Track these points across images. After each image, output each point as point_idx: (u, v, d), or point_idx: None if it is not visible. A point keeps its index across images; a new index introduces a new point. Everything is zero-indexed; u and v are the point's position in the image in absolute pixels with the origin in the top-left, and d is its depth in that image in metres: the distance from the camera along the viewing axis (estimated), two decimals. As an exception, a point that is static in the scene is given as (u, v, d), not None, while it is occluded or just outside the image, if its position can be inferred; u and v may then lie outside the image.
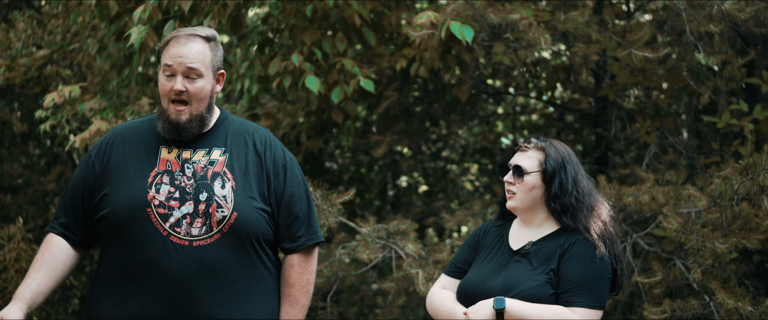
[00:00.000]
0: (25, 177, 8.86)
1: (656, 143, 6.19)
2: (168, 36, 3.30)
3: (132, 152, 3.33)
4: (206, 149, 3.35)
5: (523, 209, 3.47)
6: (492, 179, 7.61)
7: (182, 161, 3.32)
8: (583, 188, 3.46)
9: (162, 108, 3.30)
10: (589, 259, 3.35)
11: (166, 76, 3.26)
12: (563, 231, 3.44)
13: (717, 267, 5.15)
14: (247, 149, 3.39)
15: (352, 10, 5.83)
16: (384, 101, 6.34)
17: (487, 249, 3.55)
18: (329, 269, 5.75)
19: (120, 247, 3.27)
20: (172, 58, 3.24)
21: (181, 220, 3.24)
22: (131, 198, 3.25)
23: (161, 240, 3.23)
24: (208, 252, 3.24)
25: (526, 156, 3.48)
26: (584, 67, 5.96)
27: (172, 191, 3.27)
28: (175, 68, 3.25)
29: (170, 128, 3.29)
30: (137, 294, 3.25)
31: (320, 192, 5.24)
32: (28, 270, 3.44)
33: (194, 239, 3.24)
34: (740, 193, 5.06)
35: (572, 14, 5.89)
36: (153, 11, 5.74)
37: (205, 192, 3.28)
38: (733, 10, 5.27)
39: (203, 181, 3.30)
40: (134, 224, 3.24)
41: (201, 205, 3.26)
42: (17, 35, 8.25)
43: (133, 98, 6.93)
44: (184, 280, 3.21)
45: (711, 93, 5.89)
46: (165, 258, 3.22)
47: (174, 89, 3.25)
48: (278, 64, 5.85)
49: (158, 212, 3.24)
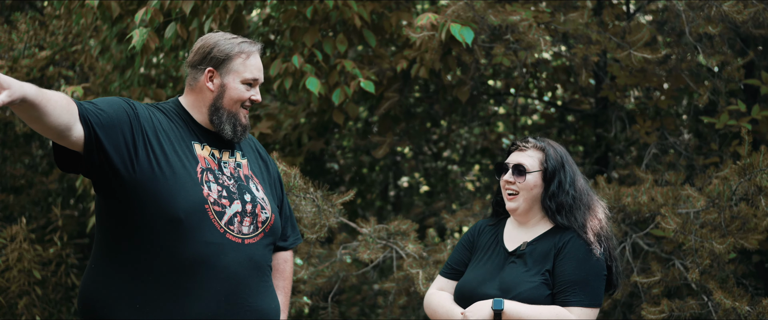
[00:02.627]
0: (28, 178, 8.89)
1: (656, 144, 6.21)
2: (240, 46, 3.42)
3: (173, 139, 3.36)
4: (229, 151, 3.48)
5: (524, 209, 3.48)
6: (493, 180, 7.63)
7: (217, 160, 3.44)
8: (581, 187, 3.48)
9: (228, 111, 3.42)
10: (583, 257, 3.37)
11: (246, 86, 3.42)
12: (557, 230, 3.46)
13: (715, 267, 5.17)
14: (256, 155, 3.62)
15: (352, 12, 5.85)
16: (385, 102, 6.37)
17: (482, 250, 3.57)
18: (330, 269, 5.77)
19: (176, 241, 3.25)
20: (259, 72, 3.44)
21: (232, 218, 3.35)
22: (190, 192, 3.28)
23: (220, 237, 3.31)
24: (256, 249, 3.40)
25: (526, 155, 3.50)
26: (584, 69, 5.98)
27: (220, 189, 3.37)
28: (258, 80, 3.44)
29: (242, 130, 3.45)
30: (196, 292, 3.27)
31: (321, 193, 5.27)
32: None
33: (245, 237, 3.38)
34: (738, 193, 5.08)
35: (572, 15, 5.91)
36: (154, 13, 5.76)
37: (247, 193, 3.43)
38: (731, 12, 5.30)
39: (241, 182, 3.45)
40: (194, 219, 3.27)
41: (247, 205, 3.40)
42: (19, 36, 8.27)
43: (134, 99, 6.95)
44: (239, 277, 3.34)
45: (710, 94, 5.91)
46: (222, 256, 3.31)
47: (256, 99, 3.46)
48: (279, 65, 5.87)
49: (214, 210, 3.32)
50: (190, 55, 3.49)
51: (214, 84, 3.40)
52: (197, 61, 3.44)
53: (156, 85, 7.24)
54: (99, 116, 3.17)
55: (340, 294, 7.11)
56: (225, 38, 3.44)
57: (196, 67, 3.44)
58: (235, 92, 3.39)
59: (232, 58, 3.39)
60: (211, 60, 3.40)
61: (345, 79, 6.01)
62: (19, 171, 8.96)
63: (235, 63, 3.39)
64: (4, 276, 7.22)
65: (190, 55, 3.48)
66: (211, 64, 3.40)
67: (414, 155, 8.28)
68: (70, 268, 7.88)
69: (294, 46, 6.11)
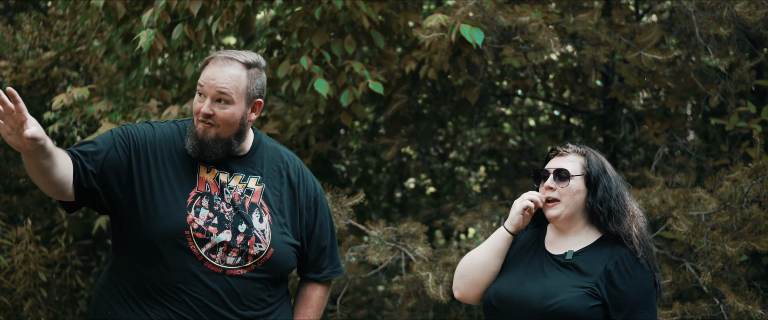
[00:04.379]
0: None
1: (665, 145, 6.18)
2: (209, 56, 3.27)
3: (171, 164, 3.27)
4: (242, 175, 3.32)
5: (567, 216, 3.33)
6: (500, 181, 7.61)
7: (220, 184, 3.29)
8: (623, 193, 3.36)
9: (192, 124, 3.27)
10: (641, 275, 3.25)
11: (199, 96, 3.23)
12: (605, 242, 3.33)
13: (727, 270, 5.14)
14: (282, 180, 3.39)
15: (360, 13, 5.82)
16: (393, 104, 6.34)
17: (522, 249, 3.44)
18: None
19: (151, 264, 3.21)
20: (206, 80, 3.20)
21: (217, 247, 3.22)
22: (170, 218, 3.19)
23: (196, 265, 3.20)
24: (239, 282, 3.25)
25: (568, 160, 3.36)
26: (593, 70, 5.95)
27: (211, 216, 3.23)
28: (206, 90, 3.20)
29: (195, 144, 3.24)
30: (161, 312, 3.22)
31: (330, 195, 5.24)
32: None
33: (228, 267, 3.24)
34: (750, 196, 5.06)
35: (582, 16, 5.88)
36: (161, 14, 5.73)
37: (244, 224, 3.26)
38: (743, 13, 5.27)
39: (242, 210, 3.27)
40: (171, 245, 3.18)
41: (239, 236, 3.24)
42: (24, 37, 8.24)
43: (140, 100, 6.93)
44: (211, 307, 3.22)
45: (720, 95, 5.88)
46: (196, 283, 3.20)
47: (202, 112, 3.21)
48: (287, 67, 5.84)
49: (196, 237, 3.20)
50: None
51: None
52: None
53: (161, 86, 7.22)
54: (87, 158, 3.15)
55: (345, 296, 7.09)
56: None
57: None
58: (193, 103, 3.26)
59: (202, 69, 3.26)
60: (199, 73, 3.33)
61: (353, 80, 5.98)
62: (22, 172, 8.93)
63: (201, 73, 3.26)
64: (9, 277, 7.20)
65: None
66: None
67: (420, 157, 8.26)
68: (74, 270, 7.86)
69: (302, 47, 6.08)
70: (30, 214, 8.61)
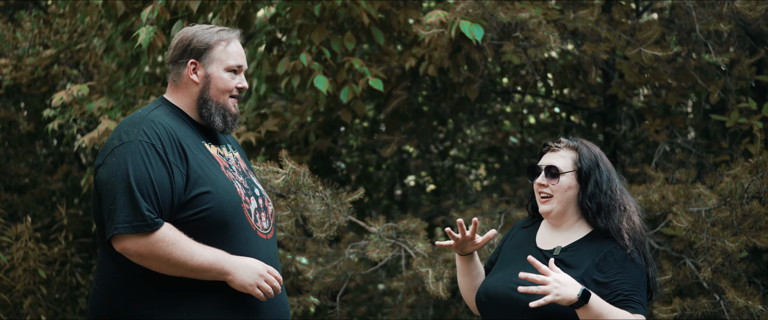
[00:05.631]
0: (32, 176, 8.87)
1: (665, 142, 6.18)
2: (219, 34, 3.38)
3: (192, 146, 3.31)
4: (227, 146, 3.47)
5: (558, 212, 3.35)
6: (500, 178, 7.60)
7: (225, 157, 3.41)
8: (616, 187, 3.35)
9: (217, 103, 3.37)
10: (630, 268, 3.24)
11: (230, 74, 3.38)
12: (594, 237, 3.33)
13: (727, 266, 5.14)
14: (239, 147, 3.60)
15: (360, 9, 5.82)
16: (393, 101, 6.33)
17: (512, 249, 3.45)
18: (338, 268, 5.74)
19: (223, 245, 3.23)
20: (241, 58, 3.41)
21: (256, 215, 3.36)
22: (230, 194, 3.26)
23: (253, 234, 3.32)
24: (274, 243, 3.43)
25: (559, 156, 3.36)
26: (593, 67, 5.95)
27: (245, 185, 3.38)
28: (243, 67, 3.41)
29: (232, 120, 3.41)
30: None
31: (330, 191, 5.24)
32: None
33: (266, 231, 3.39)
34: (750, 191, 5.05)
35: (582, 13, 5.88)
36: (161, 11, 5.73)
37: (256, 187, 3.43)
38: (743, 9, 5.26)
39: (247, 177, 3.43)
40: (237, 219, 3.26)
41: (259, 199, 3.40)
42: (24, 35, 8.25)
43: (140, 97, 6.93)
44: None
45: (720, 92, 5.87)
46: (257, 252, 3.30)
47: (243, 87, 3.41)
48: (287, 64, 5.84)
49: (245, 208, 3.32)
50: (169, 53, 3.41)
51: (199, 76, 3.34)
52: (178, 56, 3.36)
53: (161, 83, 7.22)
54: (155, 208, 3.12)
55: (346, 294, 7.08)
56: (202, 29, 3.39)
57: (177, 62, 3.36)
58: (220, 81, 3.34)
59: (212, 47, 3.34)
60: (192, 52, 3.34)
61: (353, 77, 5.97)
62: (22, 170, 8.94)
63: (216, 51, 3.34)
64: (9, 275, 7.20)
65: (170, 52, 3.40)
66: (192, 55, 3.34)
67: (420, 154, 8.25)
68: (74, 267, 7.86)
69: (301, 44, 6.07)
70: (30, 211, 8.61)
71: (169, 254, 3.10)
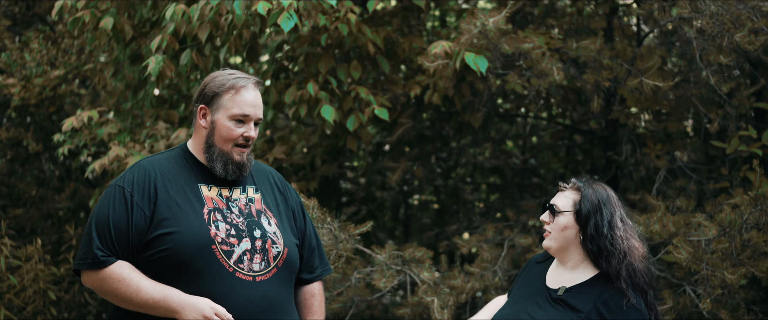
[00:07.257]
0: (39, 194, 8.93)
1: (666, 168, 6.24)
2: (231, 81, 3.41)
3: (175, 189, 3.38)
4: (240, 187, 3.49)
5: (557, 249, 3.47)
6: (503, 197, 7.67)
7: (225, 199, 3.44)
8: (619, 232, 3.41)
9: (220, 150, 3.43)
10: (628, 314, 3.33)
11: (236, 122, 3.41)
12: (599, 279, 3.41)
13: (726, 295, 5.21)
14: (272, 187, 3.60)
15: (365, 39, 5.90)
16: (399, 128, 6.41)
17: (525, 285, 3.56)
18: (345, 294, 5.82)
19: (183, 284, 3.30)
20: (250, 107, 3.41)
21: (242, 256, 3.36)
22: (195, 235, 3.31)
23: (228, 276, 3.33)
24: (269, 286, 3.39)
25: (563, 196, 3.49)
26: (595, 95, 6.02)
27: (229, 228, 3.38)
28: (251, 117, 3.41)
29: (234, 168, 3.43)
30: None
31: (337, 223, 5.32)
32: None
33: (256, 274, 3.38)
34: (749, 222, 5.12)
35: (584, 43, 5.95)
36: (170, 41, 5.80)
37: (257, 229, 3.43)
38: (743, 43, 5.33)
39: (251, 218, 3.44)
40: (200, 260, 3.30)
41: (257, 241, 3.40)
42: (32, 55, 8.31)
43: (146, 119, 7.00)
44: (252, 315, 3.34)
45: (720, 119, 5.94)
46: (232, 294, 3.32)
47: (249, 136, 3.42)
48: (294, 92, 5.91)
49: (222, 249, 3.33)
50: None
51: (207, 121, 3.43)
52: (196, 99, 3.48)
53: (169, 105, 7.29)
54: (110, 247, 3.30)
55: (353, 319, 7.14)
56: (222, 74, 3.45)
57: (195, 104, 3.48)
58: (223, 129, 3.39)
59: (221, 94, 3.40)
60: (204, 96, 3.43)
61: (359, 105, 6.05)
62: (30, 187, 9.00)
63: (224, 98, 3.39)
64: (19, 296, 7.27)
65: (195, 94, 3.51)
66: (203, 100, 3.43)
67: (424, 175, 8.32)
68: (83, 287, 7.93)
69: (308, 72, 6.15)
70: (37, 229, 8.67)
71: (115, 289, 3.30)
